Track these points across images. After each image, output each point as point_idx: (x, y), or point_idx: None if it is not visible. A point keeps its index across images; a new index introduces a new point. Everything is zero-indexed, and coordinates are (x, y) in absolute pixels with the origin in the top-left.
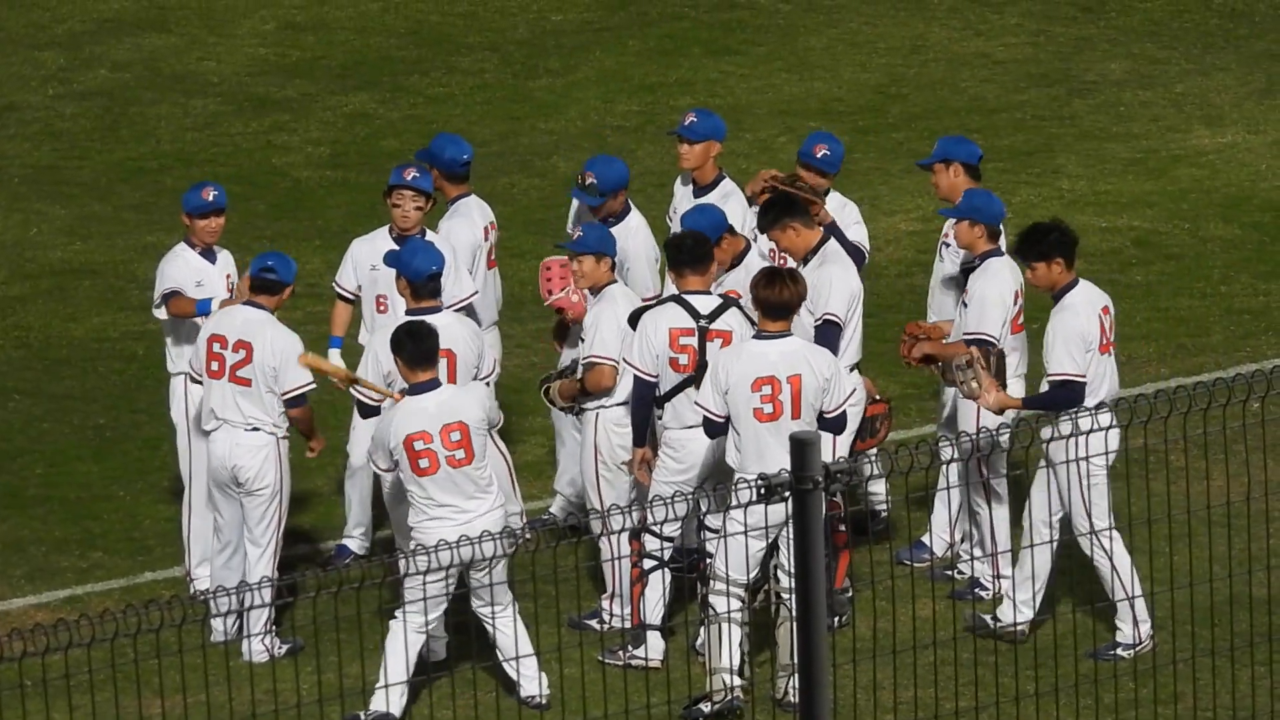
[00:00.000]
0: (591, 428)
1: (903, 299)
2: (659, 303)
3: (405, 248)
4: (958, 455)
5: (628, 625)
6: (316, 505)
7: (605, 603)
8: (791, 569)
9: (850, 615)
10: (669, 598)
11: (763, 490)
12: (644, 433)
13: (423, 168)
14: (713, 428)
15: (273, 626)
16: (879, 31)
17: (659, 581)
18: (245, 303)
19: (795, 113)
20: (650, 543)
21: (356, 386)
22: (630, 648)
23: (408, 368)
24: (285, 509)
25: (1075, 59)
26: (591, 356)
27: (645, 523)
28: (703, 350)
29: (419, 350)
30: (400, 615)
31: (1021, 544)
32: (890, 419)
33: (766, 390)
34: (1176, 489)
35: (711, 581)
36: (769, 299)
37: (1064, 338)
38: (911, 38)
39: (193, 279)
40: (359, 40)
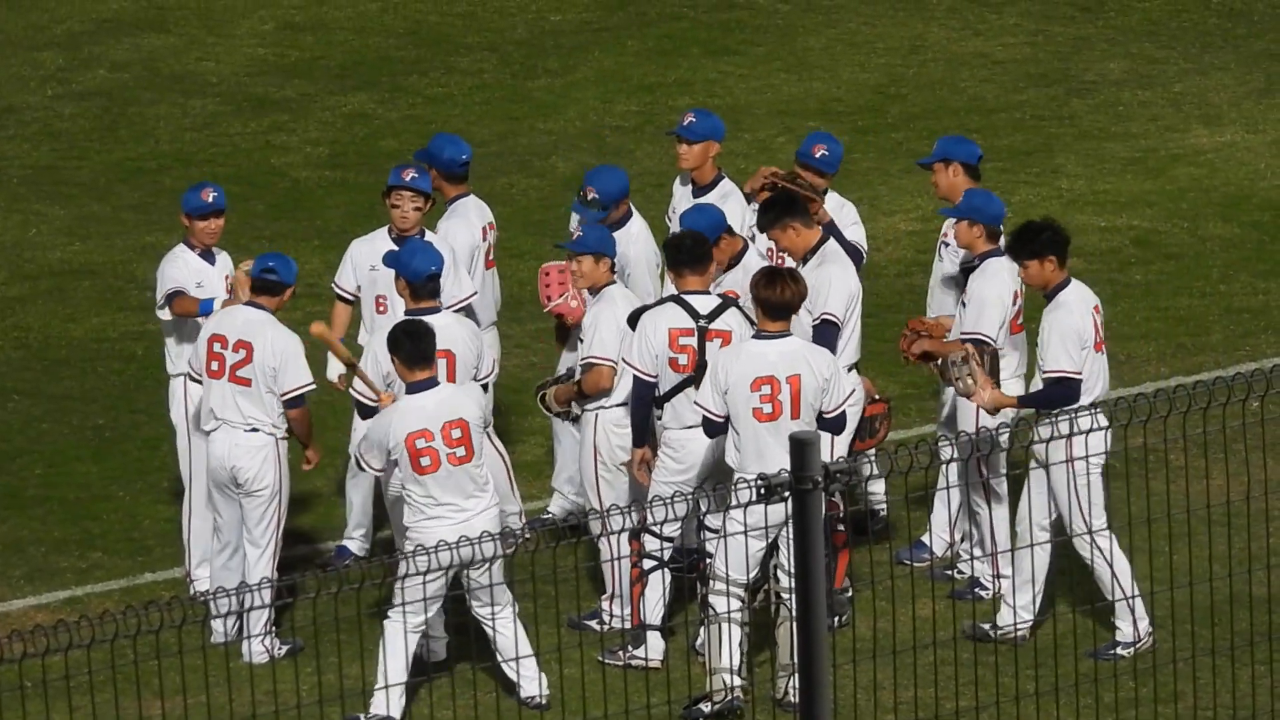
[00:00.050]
0: (591, 428)
1: (902, 299)
2: (658, 303)
3: (404, 248)
4: (958, 455)
5: (628, 625)
6: (317, 506)
7: (605, 603)
8: (791, 569)
9: (850, 615)
10: (669, 598)
11: (762, 490)
12: (644, 433)
13: (421, 168)
14: (712, 427)
15: (273, 627)
16: (878, 31)
17: (659, 582)
18: (246, 303)
19: (794, 113)
20: (650, 543)
21: (355, 383)
22: (630, 648)
23: (405, 366)
24: (284, 510)
25: (1074, 59)
26: (590, 357)
27: (645, 523)
28: (702, 350)
29: (416, 349)
30: (394, 616)
31: (1017, 547)
32: (890, 419)
33: (766, 390)
34: (1176, 488)
35: (711, 581)
36: (770, 299)
37: (1060, 335)
38: (910, 38)
39: (193, 280)
40: (358, 40)
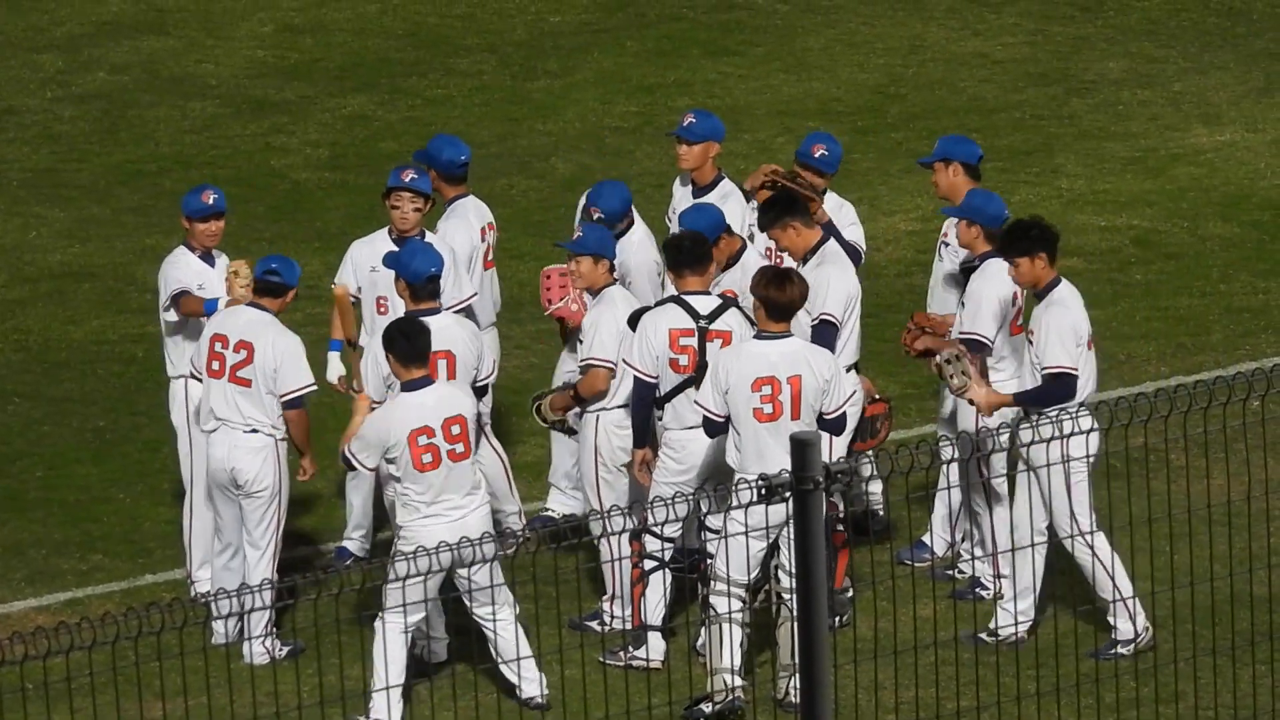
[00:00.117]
0: (592, 429)
1: (902, 299)
2: (658, 304)
3: (404, 249)
4: (958, 455)
5: (628, 626)
6: (317, 507)
7: (606, 604)
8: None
9: (851, 615)
10: (670, 598)
11: (763, 490)
12: (644, 434)
13: (421, 169)
14: (712, 427)
15: (273, 629)
16: (877, 32)
17: (659, 582)
18: (249, 304)
19: (794, 113)
20: (651, 543)
21: (353, 383)
22: (631, 649)
23: (401, 364)
24: (284, 511)
25: (1073, 58)
26: (589, 359)
27: (646, 523)
28: (702, 351)
29: (411, 346)
30: (390, 618)
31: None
32: (890, 419)
33: (766, 390)
34: (1176, 488)
35: (712, 582)
36: (774, 299)
37: (1057, 331)
38: (910, 38)
39: (194, 282)
40: (357, 42)
